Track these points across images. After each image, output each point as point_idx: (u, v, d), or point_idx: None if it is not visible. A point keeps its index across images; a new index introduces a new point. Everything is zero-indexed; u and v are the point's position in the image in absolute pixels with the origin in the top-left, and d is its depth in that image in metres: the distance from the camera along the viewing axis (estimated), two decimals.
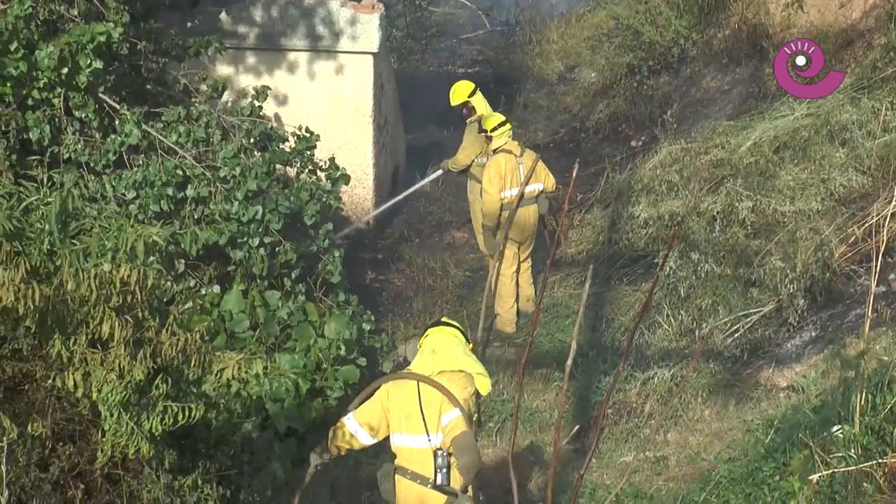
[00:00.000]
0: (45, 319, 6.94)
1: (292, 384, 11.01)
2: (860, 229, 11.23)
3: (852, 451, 8.07)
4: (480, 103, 14.28)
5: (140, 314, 7.32)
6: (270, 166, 11.76)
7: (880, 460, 7.81)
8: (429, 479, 8.39)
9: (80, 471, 7.24)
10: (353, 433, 8.62)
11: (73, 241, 10.39)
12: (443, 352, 8.66)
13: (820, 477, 7.90)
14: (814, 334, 10.88)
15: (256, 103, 12.51)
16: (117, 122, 11.62)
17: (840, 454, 8.12)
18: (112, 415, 6.91)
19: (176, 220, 11.43)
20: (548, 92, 18.81)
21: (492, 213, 13.29)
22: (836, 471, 7.94)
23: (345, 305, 12.16)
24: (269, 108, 13.39)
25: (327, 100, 14.73)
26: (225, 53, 13.30)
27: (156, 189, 11.37)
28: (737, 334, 11.41)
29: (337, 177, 12.58)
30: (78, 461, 7.23)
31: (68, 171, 11.29)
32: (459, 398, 8.37)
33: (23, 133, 11.24)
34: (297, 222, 12.10)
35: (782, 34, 15.09)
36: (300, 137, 12.40)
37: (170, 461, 7.35)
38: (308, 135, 12.43)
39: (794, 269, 11.26)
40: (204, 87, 12.65)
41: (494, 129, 13.25)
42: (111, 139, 11.56)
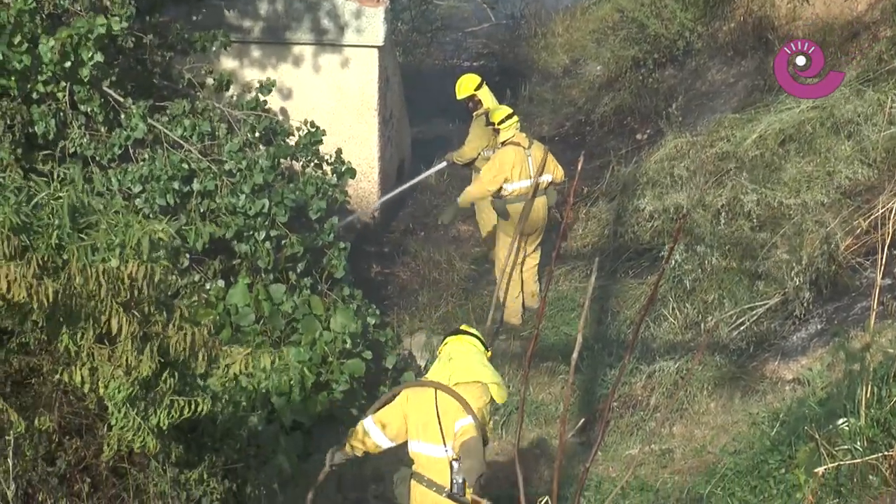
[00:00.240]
0: (53, 314, 6.96)
1: (298, 378, 11.02)
2: (866, 222, 11.23)
3: (858, 443, 8.08)
4: (487, 96, 14.28)
5: (147, 309, 7.34)
6: (275, 160, 11.77)
7: (886, 453, 7.82)
8: (444, 488, 8.48)
9: (87, 464, 7.26)
10: (371, 435, 8.68)
11: (80, 236, 10.40)
12: (459, 361, 8.70)
13: (825, 469, 7.91)
14: (819, 327, 10.88)
15: (261, 97, 12.51)
16: (123, 115, 11.62)
17: (846, 447, 8.13)
18: (119, 409, 6.92)
19: (182, 214, 11.43)
20: (553, 85, 18.78)
21: (475, 198, 13.48)
22: (841, 463, 7.95)
23: (350, 299, 12.16)
24: (274, 102, 13.39)
25: (332, 93, 14.73)
26: (230, 47, 13.29)
27: (162, 183, 11.38)
28: (742, 327, 11.41)
29: (343, 171, 12.58)
30: (84, 455, 7.25)
31: (75, 165, 11.30)
32: (474, 407, 8.44)
33: (28, 127, 11.24)
34: (302, 216, 12.10)
35: (788, 26, 15.07)
36: (306, 132, 12.40)
37: (176, 455, 7.36)
38: (314, 129, 12.43)
39: (800, 261, 11.26)
40: (209, 81, 12.65)
41: (502, 122, 13.24)
42: (117, 133, 11.56)
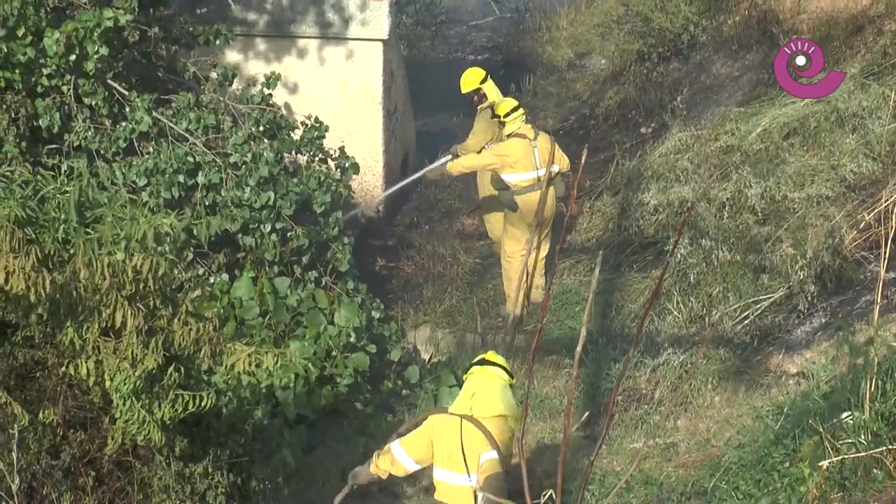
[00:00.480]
0: (57, 307, 6.97)
1: (302, 372, 11.02)
2: (870, 215, 11.20)
3: (862, 437, 8.07)
4: (492, 90, 14.28)
5: (152, 303, 7.35)
6: (279, 154, 11.78)
7: (890, 446, 7.81)
8: None
9: (91, 458, 7.27)
10: (398, 459, 8.73)
11: (87, 229, 10.41)
12: (481, 395, 8.66)
13: (830, 463, 7.90)
14: (824, 321, 10.87)
15: (266, 91, 12.51)
16: (127, 109, 11.62)
17: (850, 440, 8.12)
18: (124, 403, 6.93)
19: (187, 207, 11.44)
20: (557, 79, 18.77)
21: (468, 167, 13.75)
22: (845, 457, 7.94)
23: (354, 293, 12.17)
24: (278, 96, 13.39)
25: (337, 87, 14.73)
26: (235, 41, 13.29)
27: (167, 176, 11.39)
28: (747, 321, 11.40)
29: (346, 166, 12.59)
30: (89, 448, 7.26)
31: (80, 159, 11.30)
32: (498, 440, 8.46)
33: (32, 120, 11.25)
34: (306, 210, 12.11)
35: (792, 20, 15.04)
36: (309, 126, 12.41)
37: (180, 449, 7.38)
38: (318, 124, 12.44)
39: (805, 255, 11.24)
40: (214, 75, 12.65)
41: (508, 115, 13.24)
42: (121, 126, 11.58)
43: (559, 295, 13.42)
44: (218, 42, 12.73)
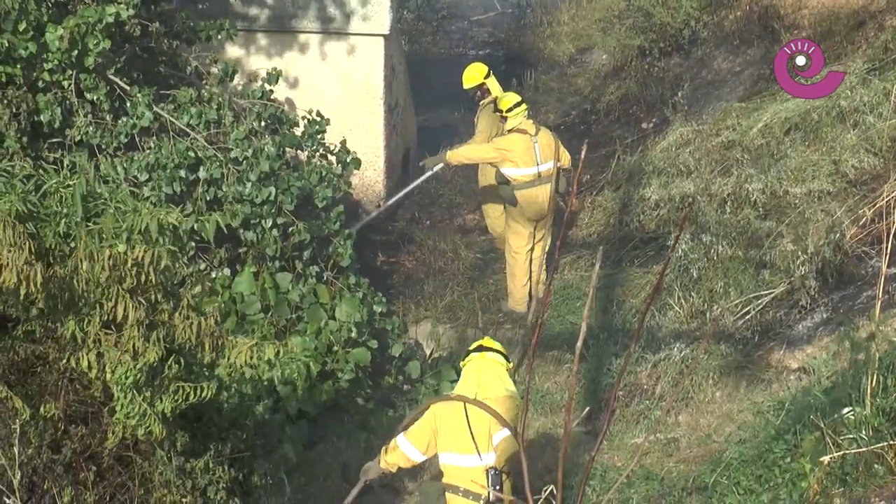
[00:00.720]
0: (56, 301, 6.96)
1: (303, 367, 11.03)
2: (871, 211, 11.20)
3: (863, 432, 8.08)
4: (494, 85, 14.29)
5: (154, 297, 7.34)
6: (280, 149, 11.77)
7: (891, 442, 7.81)
8: (480, 496, 8.59)
9: (92, 452, 7.28)
10: (405, 452, 8.87)
11: (87, 223, 10.39)
12: (486, 378, 8.83)
13: (831, 458, 7.90)
14: (825, 316, 10.87)
15: (267, 86, 12.51)
16: (129, 104, 11.62)
17: (851, 436, 8.12)
18: (125, 395, 6.93)
19: (188, 202, 11.44)
20: (559, 74, 18.75)
21: (467, 158, 13.65)
22: (847, 452, 7.94)
23: (356, 287, 12.17)
24: (280, 91, 13.38)
25: (338, 82, 14.72)
26: (236, 36, 13.29)
27: (168, 171, 11.39)
28: (748, 316, 11.39)
29: (348, 161, 12.58)
30: (90, 443, 7.27)
31: (82, 154, 11.30)
32: (508, 419, 8.60)
33: (34, 115, 11.25)
34: (308, 205, 12.11)
35: (794, 15, 15.04)
36: (311, 121, 12.40)
37: (182, 444, 7.38)
38: (319, 119, 12.43)
39: (806, 250, 11.24)
40: (215, 70, 12.65)
41: (510, 110, 13.23)
42: (123, 121, 11.58)
43: (560, 290, 13.42)
44: (219, 37, 12.72)
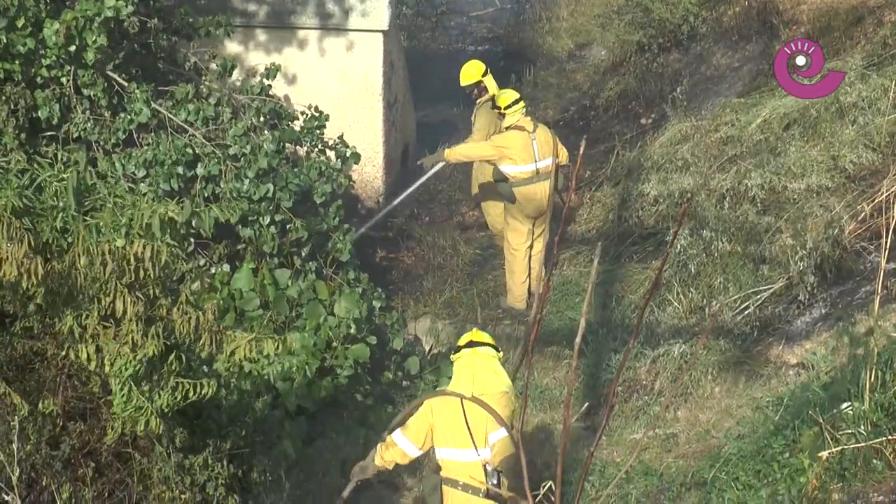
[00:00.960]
0: (55, 296, 6.96)
1: (302, 363, 11.03)
2: (870, 206, 11.21)
3: (862, 427, 8.08)
4: (491, 83, 14.29)
5: (152, 292, 7.34)
6: (280, 144, 11.77)
7: (890, 437, 7.82)
8: (479, 489, 8.65)
9: (91, 449, 7.27)
10: (402, 448, 8.91)
11: (85, 217, 10.40)
12: (482, 375, 8.90)
13: (829, 454, 7.92)
14: (824, 311, 10.87)
15: (266, 81, 12.50)
16: (126, 100, 11.61)
17: (850, 431, 8.13)
18: (124, 389, 6.93)
19: (186, 199, 11.44)
20: (558, 69, 18.75)
21: (465, 156, 13.62)
22: (845, 447, 7.95)
23: (355, 283, 12.16)
24: (278, 87, 13.38)
25: (337, 78, 14.71)
26: (234, 32, 13.27)
27: (166, 167, 11.39)
28: (747, 311, 11.40)
29: (347, 155, 12.58)
30: (89, 439, 7.26)
31: (78, 150, 11.30)
32: (504, 415, 8.68)
33: (32, 112, 11.24)
34: (307, 201, 12.10)
35: (792, 11, 15.04)
36: (310, 116, 12.40)
37: (181, 440, 7.37)
38: (318, 114, 12.42)
39: (804, 245, 11.24)
40: (214, 66, 12.63)
41: (509, 107, 13.21)
42: (121, 117, 11.57)
43: (559, 286, 13.42)
44: (218, 33, 12.71)
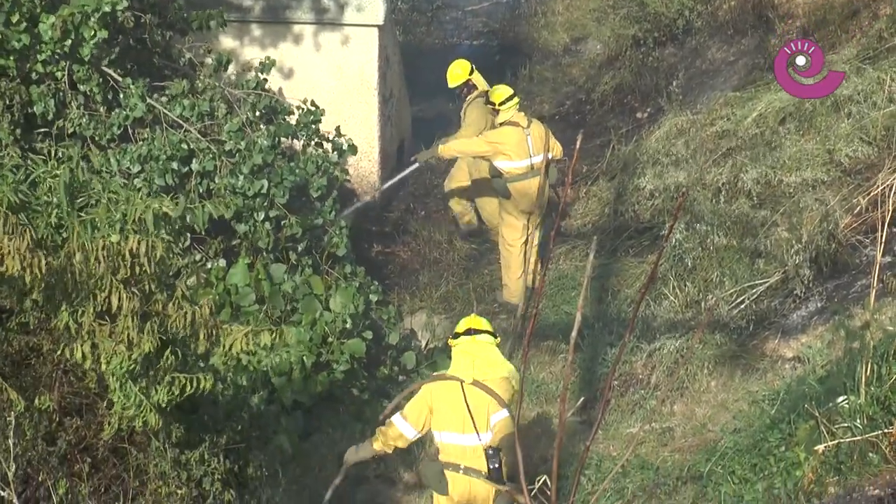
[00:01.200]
0: (51, 292, 6.96)
1: (298, 358, 11.03)
2: (865, 199, 11.21)
3: (858, 421, 8.08)
4: (480, 80, 14.26)
5: (148, 287, 7.34)
6: (275, 139, 11.76)
7: (886, 430, 7.82)
8: (480, 472, 8.70)
9: (87, 444, 7.27)
10: (401, 430, 8.94)
11: (79, 213, 10.39)
12: (482, 360, 8.96)
13: (825, 447, 7.93)
14: (819, 305, 10.87)
15: (261, 76, 12.49)
16: (122, 95, 11.60)
17: (846, 424, 8.13)
18: (120, 386, 6.93)
19: (181, 195, 11.43)
20: (553, 64, 18.73)
21: (459, 151, 13.55)
22: (841, 441, 7.95)
23: (351, 277, 12.15)
24: (274, 82, 13.36)
25: (332, 73, 14.70)
26: (229, 27, 13.26)
27: (160, 163, 11.38)
28: (743, 305, 11.40)
29: (343, 148, 12.57)
30: (85, 435, 7.26)
31: (73, 146, 11.29)
32: (505, 399, 8.74)
33: (27, 107, 11.23)
34: (303, 195, 12.10)
35: (788, 4, 15.03)
36: (305, 111, 12.39)
37: (177, 435, 7.37)
38: (313, 108, 12.42)
39: (800, 239, 11.24)
40: (209, 61, 12.62)
41: (503, 103, 13.18)
42: (116, 113, 11.56)
43: (555, 280, 13.41)
44: (212, 28, 12.69)
